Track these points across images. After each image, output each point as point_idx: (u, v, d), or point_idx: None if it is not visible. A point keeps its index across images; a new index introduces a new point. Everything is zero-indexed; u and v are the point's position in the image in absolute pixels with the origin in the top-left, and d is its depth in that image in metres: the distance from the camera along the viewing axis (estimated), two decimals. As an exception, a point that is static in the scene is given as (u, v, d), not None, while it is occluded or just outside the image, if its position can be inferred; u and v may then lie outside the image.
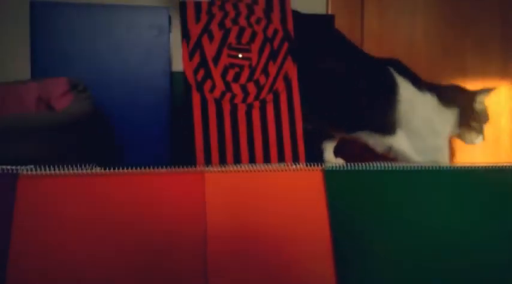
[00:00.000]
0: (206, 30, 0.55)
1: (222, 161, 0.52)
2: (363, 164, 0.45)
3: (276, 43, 0.56)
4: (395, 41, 1.07)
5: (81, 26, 0.64)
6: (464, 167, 0.47)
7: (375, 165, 0.45)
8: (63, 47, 0.63)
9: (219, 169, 0.43)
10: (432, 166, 0.46)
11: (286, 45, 0.57)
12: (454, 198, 0.45)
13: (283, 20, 0.57)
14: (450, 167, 0.46)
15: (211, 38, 0.55)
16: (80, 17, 0.64)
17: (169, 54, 0.66)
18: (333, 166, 0.45)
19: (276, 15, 0.57)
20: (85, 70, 0.63)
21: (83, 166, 0.41)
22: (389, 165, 0.45)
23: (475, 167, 0.47)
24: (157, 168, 0.42)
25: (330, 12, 1.04)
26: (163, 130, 0.64)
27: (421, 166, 0.46)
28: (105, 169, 0.41)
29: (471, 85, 1.11)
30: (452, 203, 0.45)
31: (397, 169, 0.45)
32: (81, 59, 0.64)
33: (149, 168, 0.42)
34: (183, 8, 0.54)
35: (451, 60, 1.07)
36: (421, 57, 1.06)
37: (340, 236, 0.42)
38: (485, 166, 0.47)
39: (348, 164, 0.45)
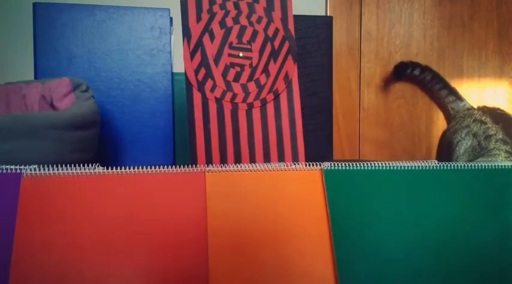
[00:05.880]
0: (207, 29, 0.55)
1: (223, 160, 0.53)
2: (362, 163, 0.45)
3: (276, 42, 0.56)
4: (392, 43, 1.07)
5: (83, 26, 0.65)
6: (465, 166, 0.47)
7: (374, 164, 0.45)
8: (65, 48, 0.64)
9: (220, 168, 0.43)
10: (432, 166, 0.46)
11: (286, 45, 0.57)
12: (454, 197, 0.45)
13: (284, 19, 0.57)
14: (450, 166, 0.46)
15: (212, 37, 0.55)
16: (82, 18, 0.65)
17: (171, 54, 0.66)
18: (332, 166, 0.45)
19: (276, 14, 0.57)
20: (87, 70, 0.64)
21: (85, 166, 0.41)
22: (389, 164, 0.45)
23: (475, 166, 0.47)
24: (159, 167, 0.43)
25: (328, 13, 1.04)
26: (164, 130, 0.65)
27: (421, 166, 0.46)
28: (107, 168, 0.42)
29: (468, 85, 1.11)
30: (452, 202, 0.45)
31: (397, 168, 0.45)
32: (83, 60, 0.64)
33: (150, 167, 0.42)
34: (183, 7, 0.55)
35: (448, 61, 1.07)
36: (419, 58, 1.06)
37: (340, 235, 0.42)
38: (485, 166, 0.47)
39: (347, 163, 0.45)
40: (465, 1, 1.07)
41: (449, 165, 0.46)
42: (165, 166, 0.43)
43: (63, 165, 0.41)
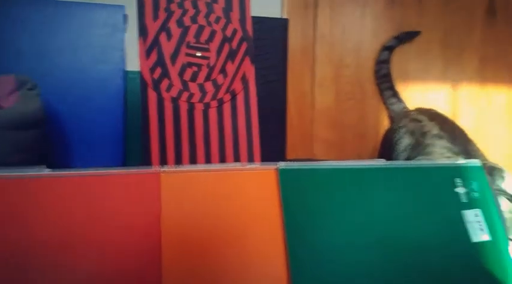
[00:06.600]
0: (164, 27, 0.54)
1: (178, 161, 0.52)
2: (316, 162, 0.46)
3: (234, 43, 0.57)
4: (345, 46, 1.10)
5: (32, 21, 0.61)
6: (415, 164, 0.49)
7: (327, 163, 0.46)
8: (14, 43, 0.61)
9: (175, 168, 0.43)
10: (384, 164, 0.48)
11: (244, 46, 0.57)
12: (399, 194, 0.47)
13: (242, 20, 0.58)
14: (401, 165, 0.48)
15: (169, 35, 0.54)
16: (32, 13, 0.61)
17: (124, 52, 0.64)
18: (287, 165, 0.45)
19: (235, 15, 0.57)
20: (36, 67, 0.61)
21: (30, 168, 0.39)
22: (342, 163, 0.47)
23: (426, 164, 0.49)
24: (110, 168, 0.41)
25: (284, 16, 1.05)
26: (116, 130, 0.63)
27: (373, 164, 0.48)
28: (53, 170, 0.40)
29: (413, 87, 1.17)
30: (397, 200, 0.47)
31: (350, 167, 0.47)
32: (32, 56, 0.61)
33: (101, 168, 0.41)
34: (140, 5, 0.53)
35: (395, 64, 1.12)
36: (369, 61, 1.10)
37: (293, 234, 0.43)
38: (426, 164, 0.50)
39: (301, 163, 0.46)
40: (414, 7, 1.13)
41: (399, 163, 0.48)
42: (118, 166, 0.42)
43: (6, 166, 0.39)
